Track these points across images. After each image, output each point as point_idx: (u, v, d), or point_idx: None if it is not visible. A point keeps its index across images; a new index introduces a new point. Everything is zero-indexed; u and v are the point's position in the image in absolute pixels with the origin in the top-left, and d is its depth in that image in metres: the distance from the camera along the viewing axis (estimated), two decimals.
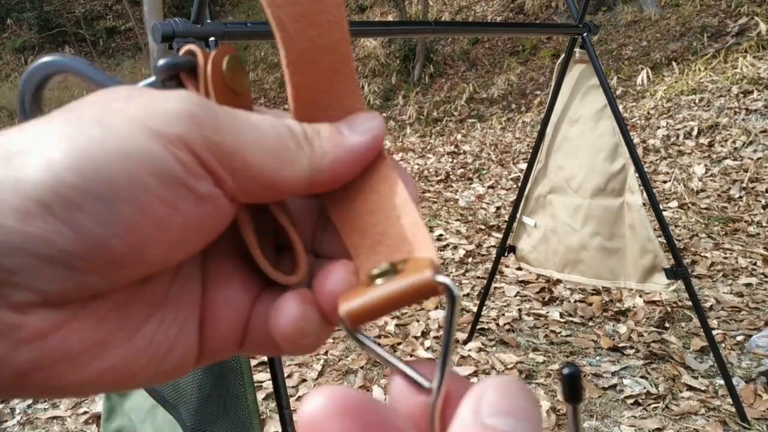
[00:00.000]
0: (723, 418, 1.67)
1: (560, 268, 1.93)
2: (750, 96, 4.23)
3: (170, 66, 0.21)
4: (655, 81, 5.29)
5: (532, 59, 7.07)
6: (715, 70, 4.90)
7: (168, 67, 0.21)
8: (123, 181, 0.16)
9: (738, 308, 2.21)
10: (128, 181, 0.16)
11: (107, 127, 0.16)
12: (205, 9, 1.18)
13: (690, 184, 3.55)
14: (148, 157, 0.16)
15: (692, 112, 4.40)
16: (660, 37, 6.16)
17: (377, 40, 7.77)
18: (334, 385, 0.17)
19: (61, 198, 0.15)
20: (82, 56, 11.38)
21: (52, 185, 0.15)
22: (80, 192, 0.15)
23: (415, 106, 6.85)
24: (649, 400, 1.79)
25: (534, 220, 1.98)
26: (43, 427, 1.83)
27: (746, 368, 1.87)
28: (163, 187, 0.16)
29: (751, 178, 3.42)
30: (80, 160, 0.15)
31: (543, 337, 2.17)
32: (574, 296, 2.44)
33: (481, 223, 3.43)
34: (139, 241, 0.16)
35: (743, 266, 2.52)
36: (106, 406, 1.03)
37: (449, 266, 2.88)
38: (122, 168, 0.16)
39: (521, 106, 6.29)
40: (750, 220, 3.00)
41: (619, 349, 2.06)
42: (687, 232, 2.94)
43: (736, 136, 3.89)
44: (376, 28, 2.03)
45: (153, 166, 0.16)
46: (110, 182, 0.15)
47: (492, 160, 4.72)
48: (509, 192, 3.92)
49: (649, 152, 4.08)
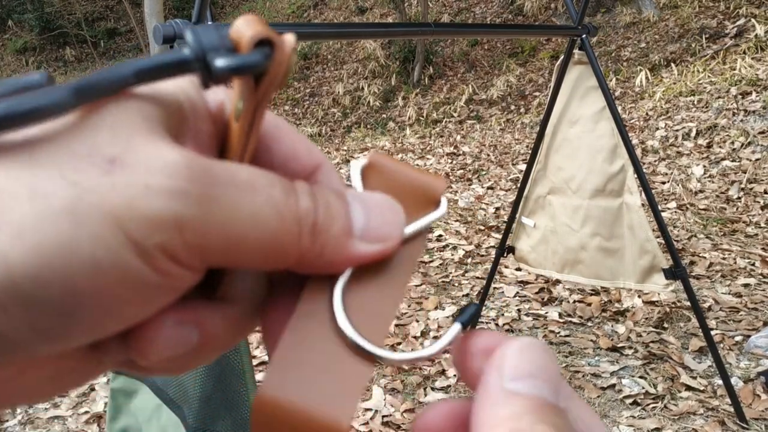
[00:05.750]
0: (721, 418, 1.68)
1: (559, 269, 1.94)
2: (748, 97, 4.24)
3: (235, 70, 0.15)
4: (653, 82, 5.30)
5: (531, 61, 7.08)
6: (714, 71, 4.91)
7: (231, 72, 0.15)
8: (88, 293, 0.14)
9: (736, 309, 2.22)
10: (94, 293, 0.14)
11: (78, 223, 0.14)
12: (206, 10, 1.19)
13: (688, 184, 3.56)
14: (120, 268, 0.14)
15: (691, 113, 4.41)
16: (659, 39, 6.17)
17: (377, 42, 7.78)
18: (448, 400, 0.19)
19: (15, 301, 0.13)
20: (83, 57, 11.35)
21: (6, 287, 0.13)
22: (38, 302, 0.14)
23: (415, 108, 6.86)
24: (648, 400, 1.80)
25: (533, 220, 1.99)
26: (44, 426, 1.83)
27: (745, 368, 1.88)
28: (132, 292, 0.15)
29: (750, 179, 3.43)
30: (41, 269, 0.13)
31: (542, 337, 2.18)
32: (573, 296, 2.45)
33: (481, 224, 3.43)
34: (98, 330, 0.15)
35: (741, 267, 2.53)
36: (112, 405, 1.04)
37: (449, 267, 2.89)
38: (89, 281, 0.14)
39: (520, 107, 6.30)
40: (748, 221, 3.01)
41: (618, 349, 2.07)
42: (685, 233, 2.95)
43: (735, 137, 3.90)
44: (376, 30, 2.04)
45: (124, 277, 0.14)
46: (74, 295, 0.14)
47: (491, 161, 4.73)
48: (508, 193, 3.92)
49: (647, 153, 4.09)
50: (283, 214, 0.16)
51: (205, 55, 0.15)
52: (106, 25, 11.57)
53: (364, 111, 7.22)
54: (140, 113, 0.16)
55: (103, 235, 0.14)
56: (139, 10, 9.31)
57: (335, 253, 0.18)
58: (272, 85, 0.16)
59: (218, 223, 0.15)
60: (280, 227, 0.16)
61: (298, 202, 0.17)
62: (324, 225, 0.17)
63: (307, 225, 0.17)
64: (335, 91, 7.60)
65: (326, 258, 0.18)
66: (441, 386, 1.96)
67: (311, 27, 2.16)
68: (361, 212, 0.18)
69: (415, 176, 0.21)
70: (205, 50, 0.15)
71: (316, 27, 1.79)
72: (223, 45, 0.15)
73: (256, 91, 0.16)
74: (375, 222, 0.18)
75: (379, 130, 6.68)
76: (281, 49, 0.16)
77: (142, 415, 1.00)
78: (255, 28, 0.15)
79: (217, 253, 0.16)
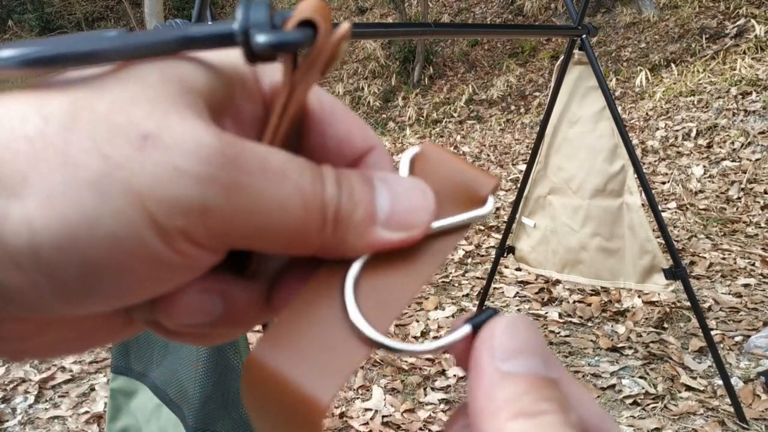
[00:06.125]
0: (721, 418, 1.67)
1: (560, 269, 1.94)
2: (748, 97, 4.24)
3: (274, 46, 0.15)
4: (653, 82, 5.29)
5: (531, 61, 7.08)
6: (714, 71, 4.91)
7: (270, 48, 0.15)
8: (106, 265, 0.14)
9: (736, 309, 2.22)
10: (113, 266, 0.14)
11: (102, 196, 0.14)
12: (206, 10, 1.19)
13: (689, 185, 3.56)
14: (140, 246, 0.14)
15: (691, 113, 4.41)
16: (659, 39, 6.17)
17: (377, 42, 7.78)
18: None
19: (34, 265, 0.14)
20: None
21: (28, 252, 0.13)
22: (57, 268, 0.14)
23: (415, 108, 6.85)
24: (648, 400, 1.80)
25: (533, 220, 1.99)
26: (44, 427, 1.83)
27: (745, 368, 1.88)
28: (150, 268, 0.15)
29: (750, 179, 3.43)
30: (63, 239, 0.14)
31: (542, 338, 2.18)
32: (573, 297, 2.45)
33: (481, 224, 3.43)
34: (117, 299, 0.16)
35: (742, 267, 2.53)
36: (112, 405, 1.04)
37: (449, 267, 2.89)
38: (108, 255, 0.14)
39: (520, 107, 6.29)
40: (748, 221, 3.01)
41: (618, 349, 2.07)
42: (685, 233, 2.95)
43: (735, 137, 3.90)
44: (376, 30, 2.04)
45: (143, 254, 0.14)
46: (92, 266, 0.14)
47: (491, 161, 4.73)
48: (508, 193, 3.92)
49: (647, 153, 4.09)
50: (308, 203, 0.16)
51: (249, 29, 0.15)
52: (106, 25, 11.58)
53: (364, 111, 7.21)
54: (183, 85, 0.16)
55: (126, 212, 0.14)
56: (139, 11, 9.31)
57: (356, 240, 0.17)
58: (312, 68, 0.16)
59: (243, 211, 0.15)
60: (304, 216, 0.16)
61: (324, 190, 0.17)
62: (346, 212, 0.17)
63: (331, 212, 0.17)
64: (335, 91, 7.60)
65: (348, 245, 0.17)
66: (441, 386, 1.96)
67: None
68: (387, 197, 0.18)
69: (465, 169, 0.20)
70: (251, 25, 0.15)
71: None
72: (270, 22, 0.15)
73: (294, 73, 0.16)
74: (401, 208, 0.18)
75: (379, 131, 6.68)
76: (325, 33, 0.15)
77: (141, 415, 1.00)
78: (304, 9, 0.15)
79: (239, 238, 0.16)
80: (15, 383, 2.04)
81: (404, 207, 0.18)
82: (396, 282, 0.18)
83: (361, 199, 0.17)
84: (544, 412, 0.15)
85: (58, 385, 2.04)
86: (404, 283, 0.18)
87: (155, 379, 0.98)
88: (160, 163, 0.14)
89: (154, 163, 0.14)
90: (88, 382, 2.05)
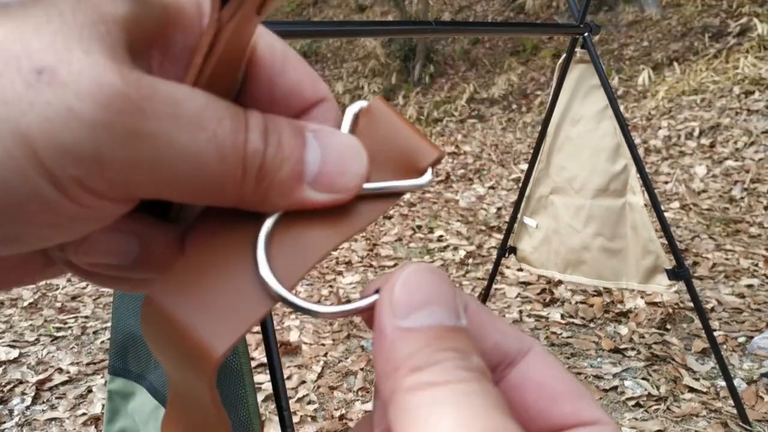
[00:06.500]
0: (724, 419, 1.66)
1: (562, 269, 1.92)
2: (751, 96, 4.22)
3: None
4: (656, 81, 5.28)
5: (533, 59, 7.07)
6: (717, 70, 4.89)
7: None
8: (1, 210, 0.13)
9: (739, 309, 2.20)
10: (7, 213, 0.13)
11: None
12: None
13: (691, 184, 3.54)
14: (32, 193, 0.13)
15: (694, 112, 4.39)
16: (661, 37, 6.15)
17: (377, 40, 7.76)
18: None
19: None
20: None
21: None
22: None
23: (416, 106, 6.84)
24: (651, 401, 1.78)
25: (535, 220, 1.97)
26: (42, 428, 1.82)
27: (748, 370, 1.87)
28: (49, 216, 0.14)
29: (753, 178, 3.41)
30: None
31: (544, 339, 2.17)
32: (575, 297, 2.43)
33: (482, 224, 3.42)
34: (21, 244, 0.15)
35: (745, 267, 2.52)
36: (109, 407, 1.03)
37: (450, 267, 2.87)
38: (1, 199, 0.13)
39: (522, 106, 6.28)
40: (752, 221, 2.99)
41: (621, 350, 2.05)
42: (688, 233, 2.93)
43: (738, 136, 3.88)
44: (376, 28, 2.03)
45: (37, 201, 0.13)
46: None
47: (493, 160, 4.72)
48: (510, 193, 3.91)
49: (650, 153, 4.08)
50: (226, 156, 0.15)
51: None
52: None
53: None
54: (99, 14, 0.14)
55: (13, 156, 0.12)
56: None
57: (279, 199, 0.16)
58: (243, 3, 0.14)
59: (147, 162, 0.14)
60: (221, 170, 0.15)
61: (247, 142, 0.15)
62: (271, 168, 0.16)
63: (253, 167, 0.15)
64: (335, 90, 7.59)
65: (269, 203, 0.16)
66: None
67: (311, 25, 2.15)
68: (319, 155, 0.17)
69: (410, 136, 0.19)
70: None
71: (316, 25, 1.77)
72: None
73: (222, 9, 0.15)
74: (330, 168, 0.17)
75: None
76: None
77: (139, 417, 0.99)
78: None
79: (145, 189, 0.14)
80: (12, 385, 2.03)
81: (334, 168, 0.17)
82: (312, 239, 0.17)
83: (288, 154, 0.16)
84: (440, 361, 0.14)
85: (55, 387, 2.03)
86: (320, 241, 0.17)
87: (153, 381, 0.97)
88: (52, 103, 0.12)
89: (46, 102, 0.12)
90: (86, 383, 2.04)
